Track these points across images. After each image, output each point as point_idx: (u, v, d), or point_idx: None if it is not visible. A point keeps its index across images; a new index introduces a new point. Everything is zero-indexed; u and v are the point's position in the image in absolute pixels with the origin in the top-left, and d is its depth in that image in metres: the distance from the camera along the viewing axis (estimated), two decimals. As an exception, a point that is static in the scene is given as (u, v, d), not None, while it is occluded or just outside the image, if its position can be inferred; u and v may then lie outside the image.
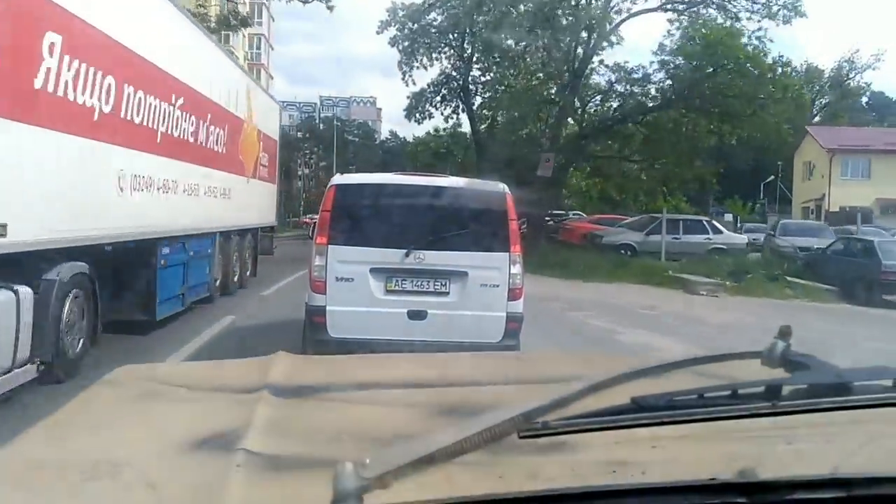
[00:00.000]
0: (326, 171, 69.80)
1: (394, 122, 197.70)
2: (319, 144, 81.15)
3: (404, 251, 5.58)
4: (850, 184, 37.45)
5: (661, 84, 24.95)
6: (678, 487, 0.77)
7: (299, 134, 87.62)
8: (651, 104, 24.73)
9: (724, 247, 21.26)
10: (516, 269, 5.69)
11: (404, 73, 28.46)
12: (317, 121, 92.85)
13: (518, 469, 0.87)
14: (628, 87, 25.29)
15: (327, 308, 5.58)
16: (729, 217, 37.93)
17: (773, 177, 47.28)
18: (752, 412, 0.82)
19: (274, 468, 0.99)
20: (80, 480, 0.94)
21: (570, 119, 26.36)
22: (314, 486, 0.79)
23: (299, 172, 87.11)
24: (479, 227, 5.85)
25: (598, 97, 26.56)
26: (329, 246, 5.60)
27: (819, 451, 0.94)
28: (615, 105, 26.01)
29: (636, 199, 32.42)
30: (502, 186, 5.97)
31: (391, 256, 5.61)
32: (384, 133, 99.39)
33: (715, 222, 24.18)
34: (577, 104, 25.65)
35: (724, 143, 25.87)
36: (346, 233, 5.69)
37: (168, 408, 1.35)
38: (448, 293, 5.67)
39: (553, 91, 25.67)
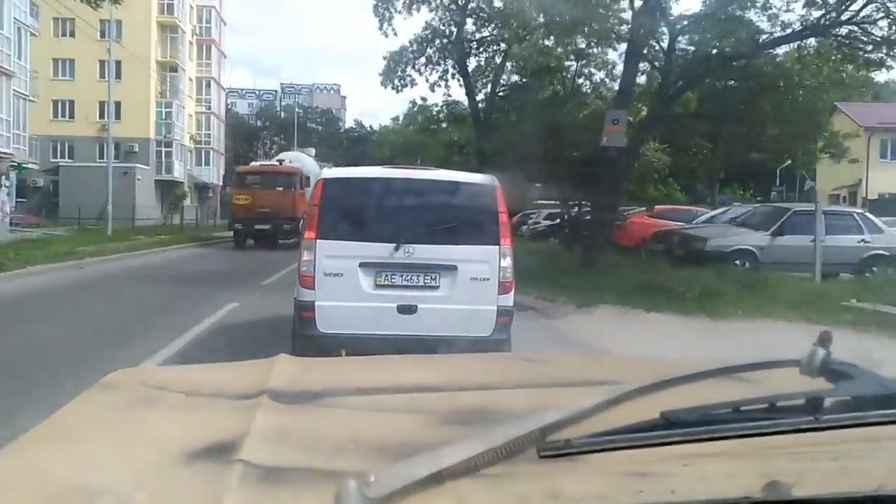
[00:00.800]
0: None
1: (360, 113, 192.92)
2: (280, 133, 76.03)
3: (394, 245, 5.56)
4: (891, 167, 34.18)
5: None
6: None
7: (258, 123, 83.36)
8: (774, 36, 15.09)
9: (886, 252, 14.48)
10: (506, 262, 5.66)
11: (382, 22, 22.91)
12: (277, 109, 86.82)
13: (537, 489, 0.81)
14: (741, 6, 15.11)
15: (316, 303, 5.55)
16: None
17: (789, 161, 44.28)
18: (793, 427, 0.76)
19: (273, 481, 0.93)
20: (57, 494, 0.89)
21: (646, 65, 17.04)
22: (316, 503, 0.73)
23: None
24: (469, 220, 5.83)
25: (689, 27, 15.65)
26: (317, 241, 5.57)
27: (863, 468, 0.87)
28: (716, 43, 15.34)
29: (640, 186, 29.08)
30: (492, 179, 5.93)
31: (380, 251, 5.58)
32: (349, 122, 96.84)
33: (870, 216, 15.88)
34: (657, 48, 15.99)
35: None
36: (334, 227, 5.66)
37: (163, 414, 1.29)
38: (438, 287, 5.64)
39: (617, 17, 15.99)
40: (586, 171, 16.42)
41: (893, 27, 13.85)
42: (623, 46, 16.69)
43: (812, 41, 15.78)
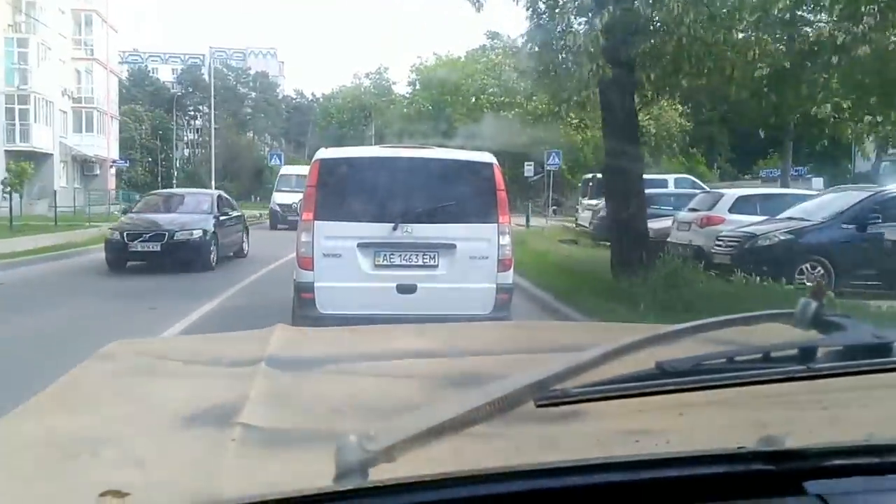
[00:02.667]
0: (222, 137, 58.78)
1: (301, 81, 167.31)
2: (206, 103, 66.51)
3: (392, 225, 5.56)
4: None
5: None
6: (703, 457, 0.73)
7: (181, 91, 73.19)
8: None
9: None
10: (505, 239, 5.68)
11: None
12: (205, 74, 74.23)
13: (534, 439, 0.82)
14: None
15: (315, 284, 5.57)
16: (820, 183, 27.15)
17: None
18: (786, 376, 0.77)
19: (272, 442, 0.94)
20: (58, 459, 0.89)
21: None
22: (316, 461, 0.74)
23: (185, 139, 72.48)
24: (467, 198, 5.82)
25: None
26: (315, 222, 5.57)
27: (854, 417, 0.89)
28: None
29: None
30: (490, 157, 5.93)
31: (379, 231, 5.58)
32: (289, 90, 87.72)
33: None
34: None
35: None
36: (332, 208, 5.65)
37: (162, 382, 1.30)
38: (437, 266, 5.66)
39: None
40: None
41: None
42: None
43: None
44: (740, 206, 12.89)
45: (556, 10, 9.67)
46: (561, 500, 0.68)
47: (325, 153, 6.15)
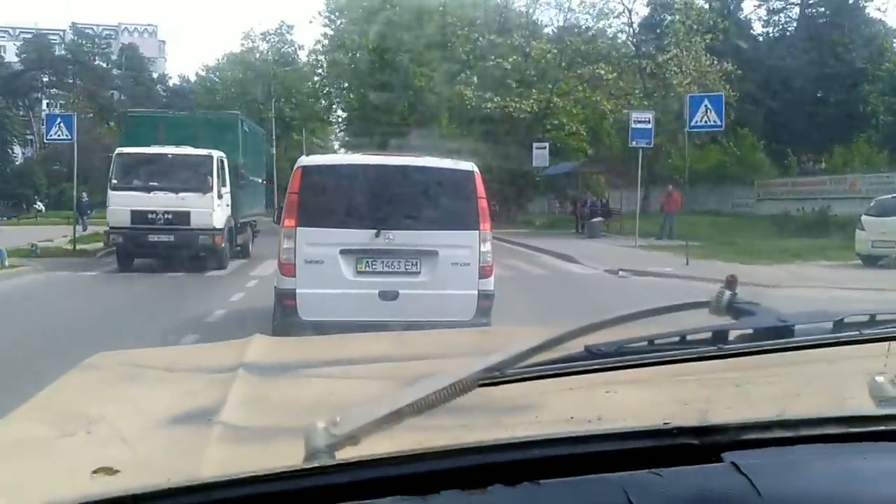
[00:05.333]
0: (85, 126, 42.84)
1: (186, 63, 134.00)
2: (58, 84, 54.85)
3: (374, 232, 5.60)
4: None
5: None
6: (633, 433, 0.81)
7: (25, 67, 55.64)
8: None
9: None
10: (486, 246, 5.75)
11: None
12: (61, 51, 58.74)
13: (481, 419, 0.91)
14: None
15: (297, 291, 5.60)
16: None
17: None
18: (700, 355, 0.87)
19: (249, 437, 1.02)
20: (53, 437, 0.97)
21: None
22: (288, 448, 0.82)
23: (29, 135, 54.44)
24: (449, 205, 5.88)
25: None
26: (297, 228, 5.60)
27: (765, 393, 0.99)
28: None
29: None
30: (471, 165, 6.02)
31: (361, 237, 5.63)
32: (172, 75, 71.31)
33: None
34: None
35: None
36: (314, 215, 5.69)
37: (146, 388, 1.37)
38: (419, 273, 5.71)
39: None
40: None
41: None
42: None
43: None
44: None
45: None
46: (505, 473, 0.76)
47: (307, 160, 6.22)
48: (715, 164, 31.10)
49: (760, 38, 41.78)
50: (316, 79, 39.13)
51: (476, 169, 5.93)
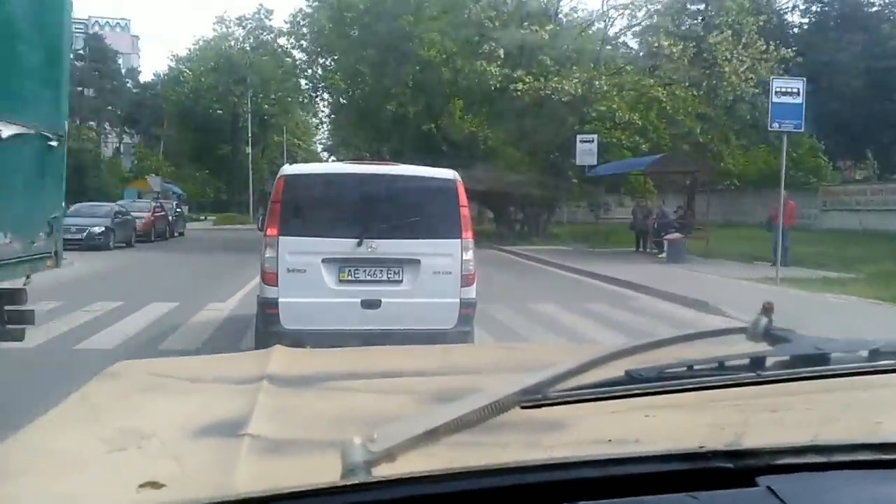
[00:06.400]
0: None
1: (163, 59, 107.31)
2: None
3: (356, 241, 5.64)
4: None
5: None
6: (669, 455, 0.82)
7: None
8: None
9: None
10: (468, 255, 5.80)
11: None
12: None
13: (520, 440, 0.92)
14: None
15: (280, 300, 5.63)
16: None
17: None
18: (738, 382, 0.88)
19: (281, 451, 1.02)
20: (105, 452, 0.97)
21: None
22: (323, 462, 0.82)
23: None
24: (431, 214, 5.94)
25: None
26: (280, 237, 5.65)
27: (800, 419, 0.99)
28: None
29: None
30: (453, 174, 6.07)
31: (343, 246, 5.68)
32: (146, 71, 66.26)
33: None
34: None
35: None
36: (296, 223, 5.75)
37: (169, 399, 1.37)
38: (401, 281, 5.76)
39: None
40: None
41: None
42: None
43: None
44: None
45: None
46: (542, 494, 0.76)
47: (289, 169, 6.28)
48: (764, 168, 26.22)
49: (812, 24, 35.52)
50: (297, 55, 30.07)
51: (458, 177, 6.00)
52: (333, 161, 27.54)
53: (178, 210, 32.29)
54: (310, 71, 29.90)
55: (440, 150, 23.77)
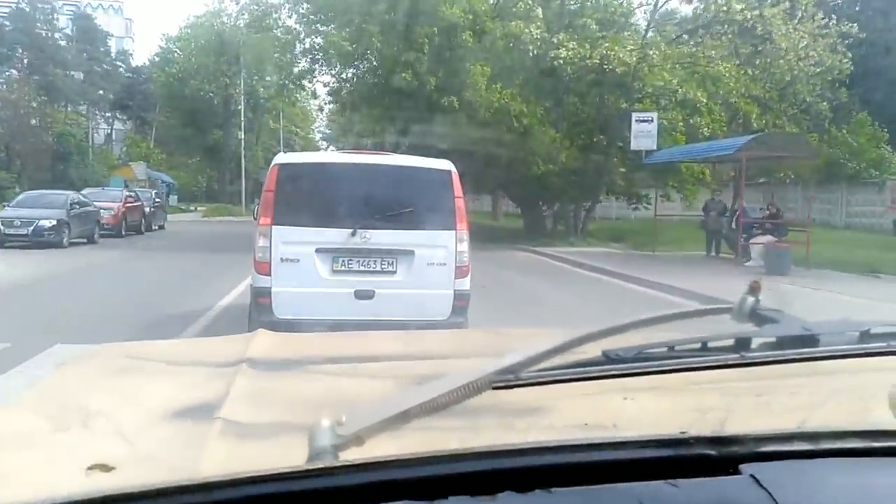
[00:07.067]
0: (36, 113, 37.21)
1: (157, 44, 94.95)
2: (10, 67, 45.37)
3: (350, 231, 5.63)
4: None
5: None
6: (649, 441, 0.79)
7: None
8: None
9: None
10: (462, 246, 5.78)
11: None
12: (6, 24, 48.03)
13: (492, 422, 0.89)
14: None
15: (273, 289, 5.62)
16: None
17: None
18: (721, 363, 0.84)
19: (251, 433, 1.00)
20: (49, 431, 0.94)
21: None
22: (291, 447, 0.80)
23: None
24: (425, 205, 5.93)
25: None
26: (273, 227, 5.63)
27: (786, 403, 0.96)
28: None
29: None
30: (448, 164, 6.05)
31: (337, 236, 5.66)
32: (141, 58, 62.06)
33: None
34: None
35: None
36: (290, 213, 5.72)
37: (145, 381, 1.35)
38: (395, 272, 5.75)
39: None
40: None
41: None
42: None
43: None
44: None
45: None
46: (515, 480, 0.74)
47: (283, 158, 6.27)
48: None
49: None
50: (295, 26, 24.97)
51: (453, 168, 5.99)
52: (332, 150, 25.75)
53: (158, 200, 28.48)
54: (308, 42, 24.98)
55: (462, 128, 19.16)
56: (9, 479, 0.82)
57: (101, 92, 51.25)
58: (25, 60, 44.46)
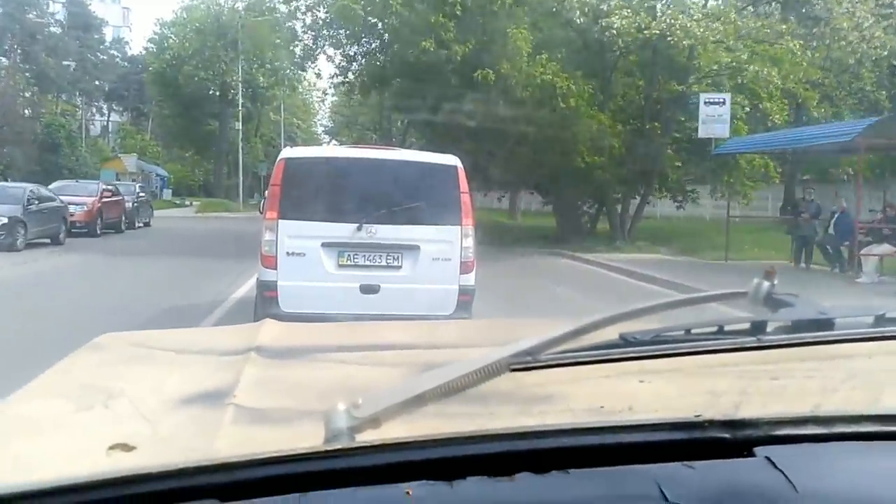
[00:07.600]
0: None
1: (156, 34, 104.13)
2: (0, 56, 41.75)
3: (356, 225, 5.66)
4: None
5: None
6: (664, 424, 0.80)
7: None
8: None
9: None
10: (468, 242, 5.80)
11: None
12: None
13: (509, 406, 0.89)
14: None
15: (279, 283, 5.66)
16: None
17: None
18: (737, 347, 0.85)
19: (264, 419, 1.00)
20: (68, 412, 0.94)
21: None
22: (306, 429, 0.80)
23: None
24: (431, 200, 5.94)
25: None
26: (279, 221, 5.66)
27: (801, 387, 0.97)
28: None
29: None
30: (454, 159, 6.06)
31: (343, 231, 5.69)
32: (138, 48, 55.51)
33: None
34: None
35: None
36: (296, 207, 5.75)
37: (155, 369, 1.35)
38: (401, 267, 5.78)
39: None
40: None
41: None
42: None
43: None
44: None
45: None
46: (530, 462, 0.74)
47: (290, 152, 6.30)
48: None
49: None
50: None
51: (459, 163, 6.01)
52: (334, 144, 24.93)
53: (143, 195, 25.57)
54: (310, 16, 21.61)
55: (490, 111, 16.10)
56: (32, 458, 0.82)
57: (96, 82, 49.44)
58: (17, 48, 42.00)
